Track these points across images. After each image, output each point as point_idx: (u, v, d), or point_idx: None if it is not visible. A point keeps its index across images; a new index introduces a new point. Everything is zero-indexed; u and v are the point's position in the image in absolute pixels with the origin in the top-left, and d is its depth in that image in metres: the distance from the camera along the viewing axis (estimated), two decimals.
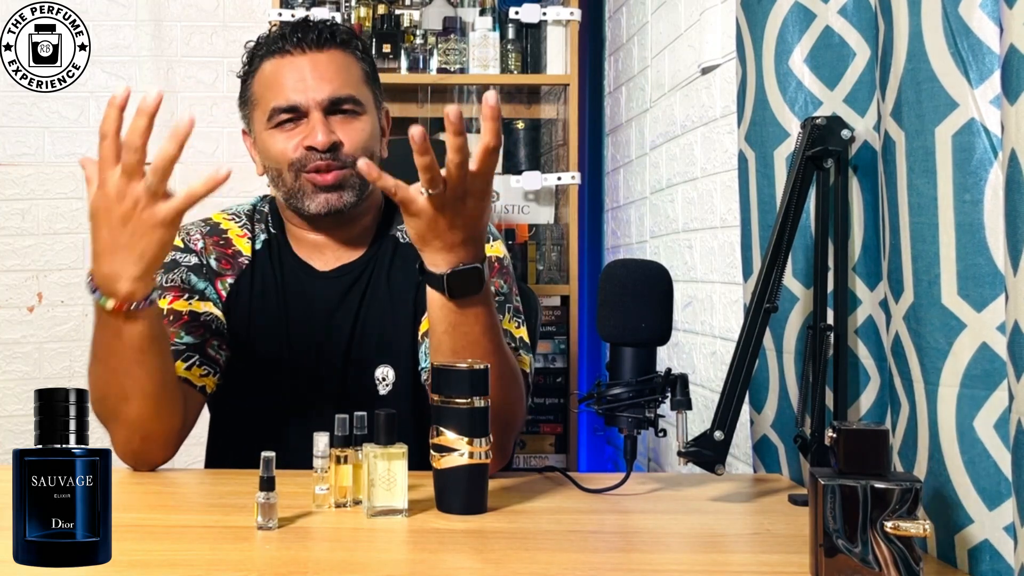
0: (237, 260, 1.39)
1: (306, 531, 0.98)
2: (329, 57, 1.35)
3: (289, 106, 1.33)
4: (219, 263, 1.38)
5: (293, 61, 1.35)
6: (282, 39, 1.35)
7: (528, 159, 2.68)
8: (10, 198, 2.64)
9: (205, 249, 1.39)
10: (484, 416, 1.03)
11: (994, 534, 0.84)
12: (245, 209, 1.45)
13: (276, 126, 1.34)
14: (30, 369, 2.65)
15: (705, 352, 1.91)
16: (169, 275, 1.35)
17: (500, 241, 1.42)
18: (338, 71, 1.35)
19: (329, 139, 1.31)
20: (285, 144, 1.33)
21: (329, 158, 1.32)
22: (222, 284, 1.37)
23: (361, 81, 1.38)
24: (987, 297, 0.84)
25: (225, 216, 1.44)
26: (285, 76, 1.34)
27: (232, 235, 1.41)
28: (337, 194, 1.33)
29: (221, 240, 1.40)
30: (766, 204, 1.23)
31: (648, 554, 0.94)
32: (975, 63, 0.85)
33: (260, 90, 1.37)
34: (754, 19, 1.23)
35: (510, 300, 1.36)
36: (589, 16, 2.75)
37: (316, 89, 1.33)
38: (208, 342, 1.31)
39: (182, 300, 1.33)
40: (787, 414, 1.23)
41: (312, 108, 1.32)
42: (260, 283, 1.38)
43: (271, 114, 1.34)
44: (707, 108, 1.90)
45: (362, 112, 1.36)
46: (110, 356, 1.14)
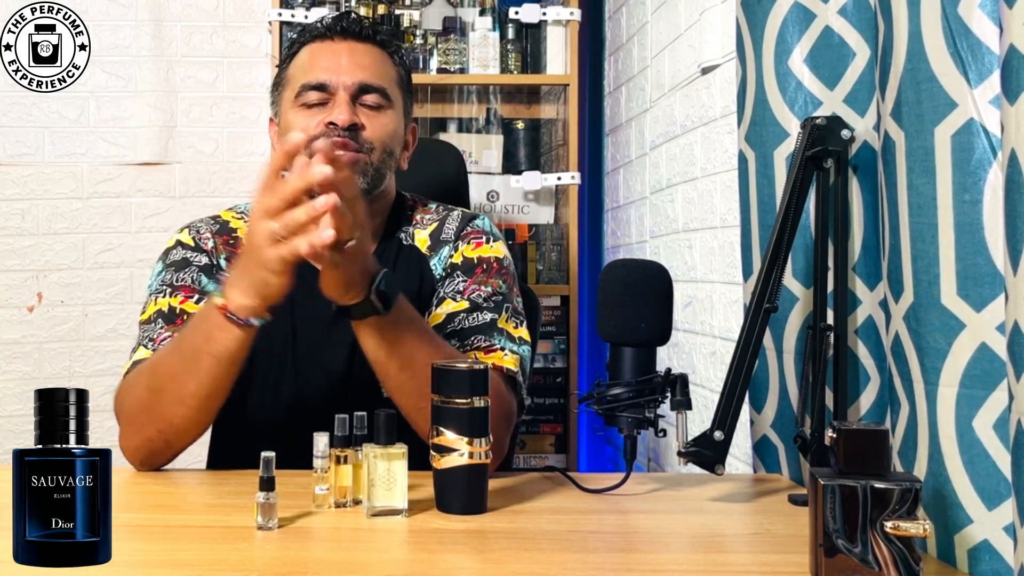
0: None
1: (306, 531, 0.98)
2: (368, 49, 1.37)
3: (318, 83, 1.33)
4: (228, 263, 1.38)
5: (332, 46, 1.36)
6: (325, 26, 1.37)
7: (528, 159, 2.68)
8: (10, 198, 2.64)
9: (216, 249, 1.38)
10: (484, 416, 1.03)
11: (994, 534, 0.84)
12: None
13: (302, 105, 1.34)
14: (30, 369, 2.65)
15: (705, 352, 1.91)
16: (180, 273, 1.35)
17: (501, 242, 1.42)
18: (373, 62, 1.36)
19: (351, 118, 1.31)
20: (307, 122, 1.33)
21: (348, 136, 1.31)
22: None
23: (394, 82, 1.39)
24: (986, 297, 0.84)
25: (234, 215, 1.44)
26: (321, 57, 1.35)
27: (241, 234, 1.41)
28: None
29: (231, 239, 1.40)
30: (766, 204, 1.23)
31: (648, 554, 0.95)
32: (974, 63, 0.85)
33: (294, 71, 1.37)
34: (754, 19, 1.23)
35: (509, 300, 1.36)
36: (589, 16, 2.75)
37: (348, 72, 1.33)
38: None
39: (192, 301, 1.32)
40: (787, 414, 1.23)
41: (340, 89, 1.33)
42: None
43: (299, 91, 1.34)
44: (707, 108, 1.90)
45: (389, 108, 1.36)
46: (193, 354, 1.15)
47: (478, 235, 1.41)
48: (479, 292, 1.34)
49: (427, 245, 1.41)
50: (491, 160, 2.62)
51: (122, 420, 1.23)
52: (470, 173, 2.11)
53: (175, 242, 1.39)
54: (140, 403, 1.20)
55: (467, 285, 1.35)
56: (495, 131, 2.66)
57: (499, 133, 2.65)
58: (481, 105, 2.68)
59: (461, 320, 1.31)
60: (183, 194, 2.71)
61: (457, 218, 1.44)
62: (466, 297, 1.33)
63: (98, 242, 2.67)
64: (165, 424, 1.19)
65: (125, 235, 2.69)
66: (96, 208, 2.67)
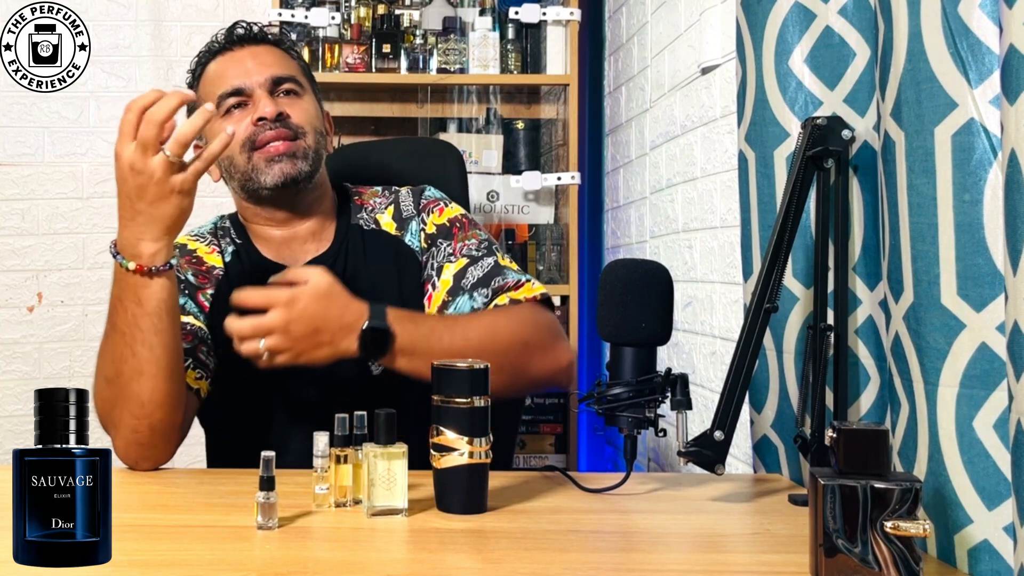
0: (212, 273, 1.41)
1: (306, 531, 0.98)
2: (266, 49, 1.44)
3: (234, 89, 1.38)
4: (196, 278, 1.40)
5: (233, 55, 1.42)
6: (221, 42, 1.43)
7: (528, 159, 2.68)
8: (10, 198, 2.64)
9: (179, 267, 1.39)
10: (484, 416, 1.03)
11: (994, 534, 0.84)
12: (207, 229, 1.48)
13: (225, 114, 1.38)
14: (30, 369, 2.65)
15: (705, 352, 1.91)
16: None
17: (455, 202, 1.51)
18: (276, 59, 1.43)
19: (276, 108, 1.37)
20: (236, 127, 1.35)
21: (279, 126, 1.37)
22: (203, 296, 1.39)
23: (300, 72, 1.46)
24: (986, 297, 0.84)
25: (189, 238, 1.46)
26: (227, 69, 1.41)
27: (201, 253, 1.44)
28: (291, 162, 1.37)
29: (193, 259, 1.42)
30: (766, 204, 1.23)
31: (648, 554, 0.95)
32: (974, 63, 0.85)
33: (207, 88, 1.42)
34: (754, 19, 1.23)
35: (493, 242, 1.45)
36: (589, 16, 2.75)
37: (258, 72, 1.40)
38: (198, 348, 1.33)
39: None
40: (787, 414, 1.23)
41: (256, 88, 1.39)
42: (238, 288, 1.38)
43: (218, 102, 1.38)
44: (707, 108, 1.90)
45: (304, 93, 1.43)
46: (130, 325, 1.17)
47: (435, 203, 1.48)
48: (467, 246, 1.42)
49: (394, 227, 1.47)
50: (491, 160, 2.62)
51: (104, 425, 1.23)
52: (470, 173, 2.11)
53: None
54: (106, 399, 1.21)
55: (453, 245, 1.42)
56: (495, 131, 2.65)
57: (499, 133, 2.65)
58: (481, 105, 2.68)
59: (471, 273, 1.39)
60: None
61: (408, 194, 1.50)
62: (461, 255, 1.41)
63: (98, 242, 2.67)
64: (136, 405, 1.19)
65: None
66: (96, 208, 2.67)
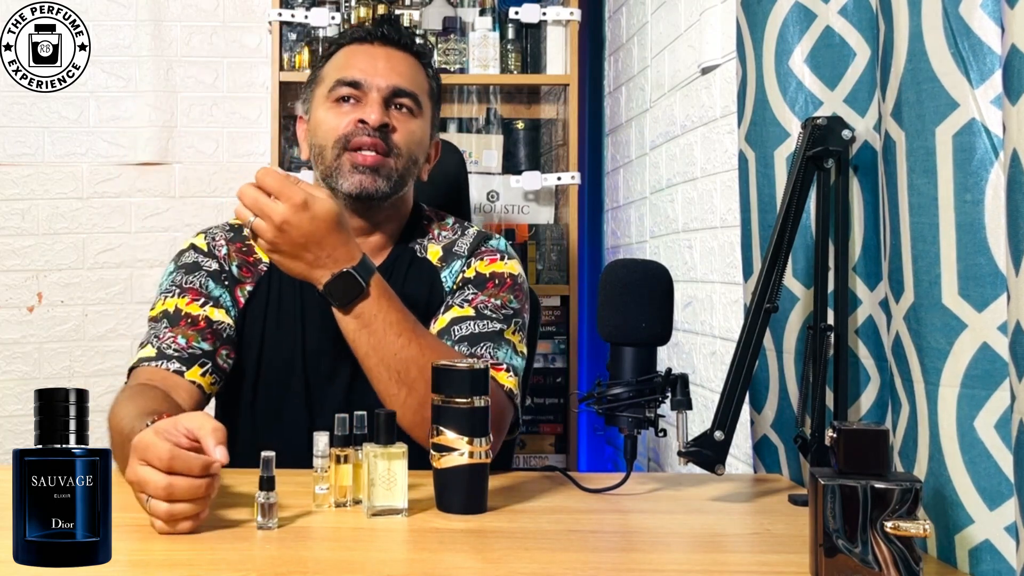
0: (257, 267, 1.39)
1: (306, 531, 0.97)
2: (404, 57, 1.40)
3: (353, 80, 1.35)
4: (240, 270, 1.39)
5: (370, 49, 1.39)
6: (366, 30, 1.40)
7: (528, 159, 2.68)
8: (10, 198, 2.64)
9: (228, 256, 1.39)
10: (484, 416, 1.03)
11: (995, 534, 0.84)
12: None
13: (335, 101, 1.36)
14: (30, 369, 2.65)
15: (705, 352, 1.91)
16: (190, 276, 1.36)
17: (517, 261, 1.43)
18: (408, 70, 1.39)
19: (382, 118, 1.33)
20: (338, 120, 1.35)
21: (377, 136, 1.33)
22: (241, 292, 1.38)
23: (426, 92, 1.41)
24: (988, 297, 0.84)
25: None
26: (358, 58, 1.38)
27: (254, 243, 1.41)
28: (372, 177, 1.33)
29: (244, 247, 1.40)
30: (766, 204, 1.23)
31: (648, 554, 0.94)
32: (976, 63, 0.85)
33: (330, 69, 1.40)
34: (754, 19, 1.23)
35: (519, 316, 1.37)
36: (589, 16, 2.75)
37: (383, 75, 1.36)
38: (218, 351, 1.32)
39: (197, 304, 1.34)
40: (787, 414, 1.23)
41: (373, 90, 1.35)
42: (278, 289, 1.38)
43: (333, 86, 1.36)
44: (707, 108, 1.90)
45: (419, 115, 1.39)
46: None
47: (492, 253, 1.42)
48: (487, 304, 1.34)
49: (439, 257, 1.42)
50: (491, 160, 2.62)
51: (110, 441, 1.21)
52: (470, 173, 2.11)
53: (189, 245, 1.41)
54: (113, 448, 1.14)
55: (476, 296, 1.35)
56: (495, 131, 2.65)
57: (499, 133, 2.65)
58: (481, 105, 2.68)
59: (468, 325, 1.31)
60: (183, 194, 2.71)
61: (472, 235, 1.45)
62: (473, 306, 1.34)
63: (98, 242, 2.67)
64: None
65: (125, 235, 2.69)
66: (96, 208, 2.67)
